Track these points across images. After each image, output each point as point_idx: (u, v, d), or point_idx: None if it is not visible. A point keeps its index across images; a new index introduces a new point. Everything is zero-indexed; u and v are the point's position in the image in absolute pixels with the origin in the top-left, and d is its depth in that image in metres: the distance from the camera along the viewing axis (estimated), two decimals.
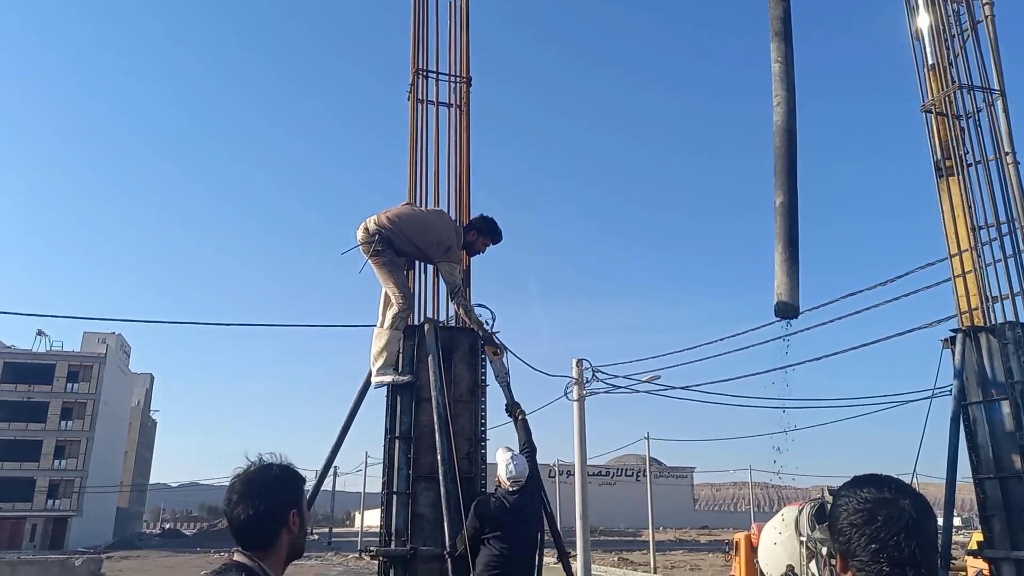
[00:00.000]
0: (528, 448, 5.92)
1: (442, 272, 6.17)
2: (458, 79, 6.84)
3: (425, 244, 6.10)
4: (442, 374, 5.74)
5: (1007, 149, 8.27)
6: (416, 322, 6.17)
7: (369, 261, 6.11)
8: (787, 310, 2.55)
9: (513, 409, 6.08)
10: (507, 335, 6.54)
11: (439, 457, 5.47)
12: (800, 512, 12.90)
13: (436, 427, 5.57)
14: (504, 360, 6.20)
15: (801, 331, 12.90)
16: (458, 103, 6.83)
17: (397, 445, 5.81)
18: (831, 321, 12.37)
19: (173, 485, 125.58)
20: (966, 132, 8.34)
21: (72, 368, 68.82)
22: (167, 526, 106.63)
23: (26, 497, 63.62)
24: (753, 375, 16.90)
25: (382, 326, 6.02)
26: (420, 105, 6.69)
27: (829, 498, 12.88)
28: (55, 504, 65.01)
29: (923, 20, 8.77)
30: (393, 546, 5.62)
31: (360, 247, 6.15)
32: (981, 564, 10.38)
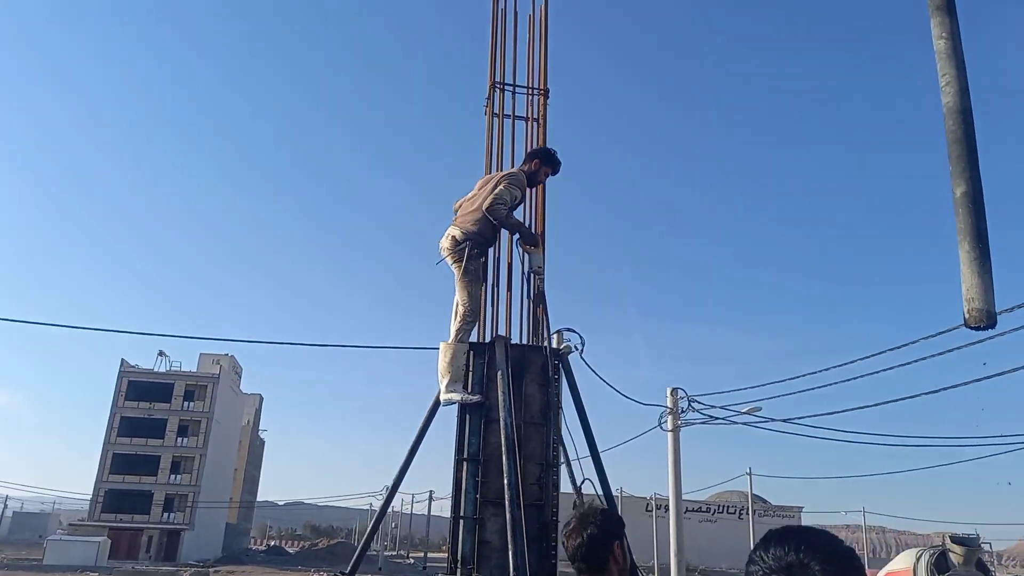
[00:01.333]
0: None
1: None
2: (536, 91, 6.68)
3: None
4: (511, 394, 5.49)
5: None
6: (486, 340, 5.98)
7: (453, 268, 5.95)
8: (983, 317, 2.17)
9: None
10: (604, 360, 6.28)
11: (505, 482, 5.21)
12: (918, 560, 11.83)
13: (503, 449, 5.31)
14: (541, 255, 6.10)
15: (914, 361, 11.90)
16: (535, 116, 6.66)
17: (465, 467, 5.59)
18: (946, 352, 11.32)
19: (279, 503, 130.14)
20: None
21: (189, 387, 72.66)
22: (272, 543, 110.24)
23: (144, 510, 67.26)
24: (863, 408, 15.80)
25: (452, 339, 5.85)
26: (496, 119, 6.57)
27: (951, 545, 11.74)
28: (170, 517, 68.39)
29: None
30: (459, 574, 5.37)
31: (449, 257, 5.99)
32: None
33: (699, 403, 19.56)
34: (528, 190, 6.34)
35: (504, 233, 6.21)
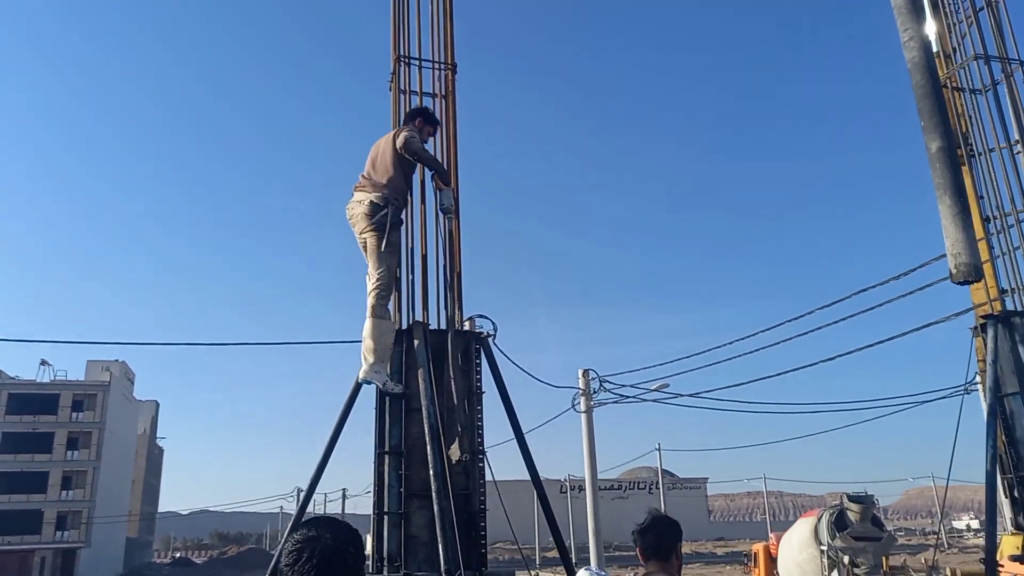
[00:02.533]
0: None
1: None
2: (443, 66, 6.41)
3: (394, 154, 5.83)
4: (432, 381, 5.26)
5: (1016, 137, 7.89)
6: (404, 326, 5.71)
7: (368, 237, 5.55)
8: (970, 271, 2.09)
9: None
10: (512, 347, 6.13)
11: (431, 472, 4.99)
12: (819, 520, 12.37)
13: (428, 439, 5.09)
14: (452, 194, 6.00)
15: (812, 331, 12.41)
16: (443, 93, 6.40)
17: (387, 460, 5.33)
18: (840, 320, 11.88)
19: (183, 513, 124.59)
20: (974, 119, 8.01)
21: (77, 397, 68.33)
22: (178, 554, 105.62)
23: (34, 529, 62.94)
24: (763, 379, 16.39)
25: (370, 314, 5.43)
26: (403, 96, 6.27)
27: (849, 504, 12.40)
28: (63, 536, 64.30)
29: (930, 27, 8.50)
30: (385, 573, 5.13)
31: (367, 226, 5.56)
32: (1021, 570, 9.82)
33: (610, 383, 19.86)
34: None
35: (416, 209, 5.96)
